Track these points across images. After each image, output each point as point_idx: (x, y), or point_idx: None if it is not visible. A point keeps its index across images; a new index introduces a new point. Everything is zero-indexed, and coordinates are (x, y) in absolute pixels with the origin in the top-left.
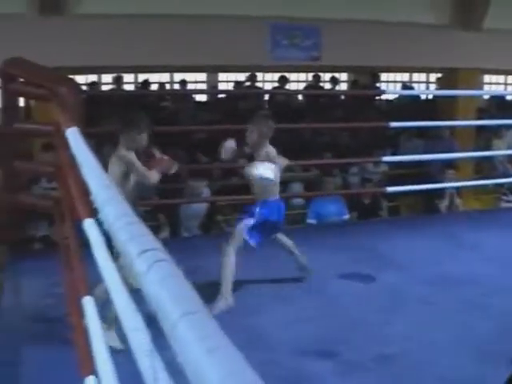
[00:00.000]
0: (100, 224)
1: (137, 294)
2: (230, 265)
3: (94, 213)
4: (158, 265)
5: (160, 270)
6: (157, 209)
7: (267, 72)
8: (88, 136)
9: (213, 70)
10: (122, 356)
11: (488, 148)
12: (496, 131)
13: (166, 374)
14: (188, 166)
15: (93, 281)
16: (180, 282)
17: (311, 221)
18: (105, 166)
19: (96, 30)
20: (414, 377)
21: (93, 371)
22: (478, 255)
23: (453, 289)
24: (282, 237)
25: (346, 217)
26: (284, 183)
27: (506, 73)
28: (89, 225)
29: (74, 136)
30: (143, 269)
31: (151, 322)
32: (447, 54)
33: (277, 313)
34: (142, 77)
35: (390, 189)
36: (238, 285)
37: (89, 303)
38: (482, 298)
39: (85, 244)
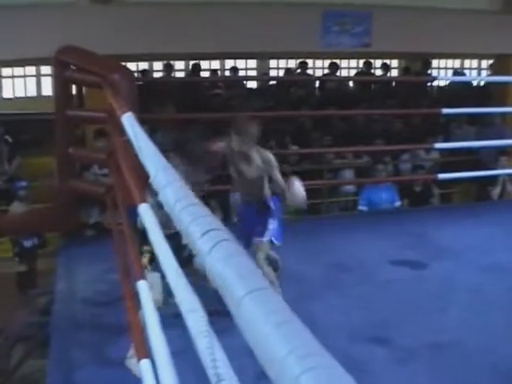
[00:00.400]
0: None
1: None
2: (268, 275)
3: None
4: (221, 244)
5: (224, 249)
6: (208, 194)
7: (318, 59)
8: (141, 122)
9: (263, 57)
10: (177, 340)
11: None
12: None
13: (223, 355)
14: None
15: None
16: (244, 260)
17: (363, 208)
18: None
19: (146, 18)
20: (468, 364)
21: (147, 354)
22: None
23: (504, 277)
24: None
25: (398, 204)
26: (335, 170)
27: None
28: (144, 209)
29: (130, 121)
30: (207, 248)
31: None
32: (499, 40)
33: (329, 299)
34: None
35: (442, 176)
36: (289, 273)
37: (143, 287)
38: None
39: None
